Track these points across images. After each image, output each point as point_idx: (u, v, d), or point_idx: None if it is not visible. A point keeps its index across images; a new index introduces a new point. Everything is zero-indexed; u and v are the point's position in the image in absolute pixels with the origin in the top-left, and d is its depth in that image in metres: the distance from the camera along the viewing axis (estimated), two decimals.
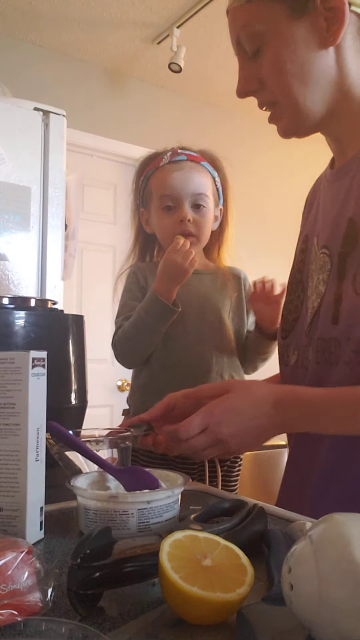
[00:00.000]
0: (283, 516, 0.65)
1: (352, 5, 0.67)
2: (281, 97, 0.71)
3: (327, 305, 0.72)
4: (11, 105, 1.49)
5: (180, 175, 1.15)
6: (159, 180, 1.17)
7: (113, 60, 3.01)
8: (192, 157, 1.18)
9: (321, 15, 0.67)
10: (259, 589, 0.44)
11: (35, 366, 0.57)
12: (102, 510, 0.56)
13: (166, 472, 0.67)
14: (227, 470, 1.19)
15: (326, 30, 0.67)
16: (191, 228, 1.15)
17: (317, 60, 0.68)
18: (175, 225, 1.16)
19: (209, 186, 1.16)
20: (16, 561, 0.41)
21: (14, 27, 2.72)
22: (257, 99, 0.75)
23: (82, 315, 1.06)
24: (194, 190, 1.14)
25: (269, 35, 0.69)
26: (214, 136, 3.38)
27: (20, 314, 0.92)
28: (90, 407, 1.06)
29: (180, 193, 1.14)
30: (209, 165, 1.19)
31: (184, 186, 1.14)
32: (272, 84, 0.71)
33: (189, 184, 1.14)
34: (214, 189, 1.18)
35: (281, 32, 0.68)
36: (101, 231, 3.02)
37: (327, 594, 0.34)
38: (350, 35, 0.68)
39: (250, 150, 3.38)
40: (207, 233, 1.18)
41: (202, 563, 0.41)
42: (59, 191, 1.55)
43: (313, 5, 0.67)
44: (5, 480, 0.56)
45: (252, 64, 0.73)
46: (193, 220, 1.15)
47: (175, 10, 2.61)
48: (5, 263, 1.45)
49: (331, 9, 0.66)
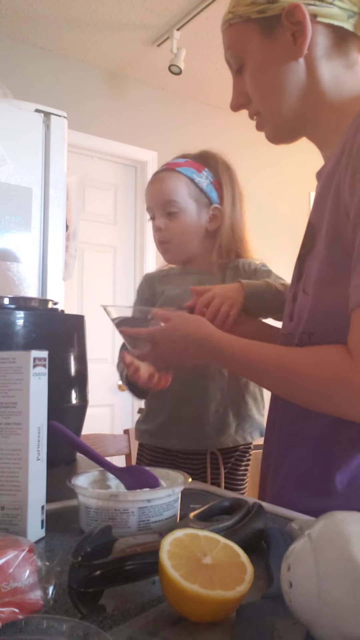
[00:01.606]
0: (282, 514, 0.65)
1: (317, 17, 0.71)
2: (261, 107, 0.78)
3: (288, 303, 0.81)
4: (12, 106, 1.50)
5: (153, 186, 1.20)
6: (146, 195, 1.24)
7: (114, 62, 3.01)
8: (170, 165, 1.21)
9: (288, 29, 0.72)
10: (259, 587, 0.44)
11: (36, 366, 0.58)
12: (103, 508, 0.56)
13: (166, 471, 0.67)
14: (231, 467, 1.19)
15: (293, 43, 0.72)
16: (164, 236, 1.19)
17: (289, 72, 0.74)
18: (154, 235, 1.21)
19: (182, 190, 1.17)
20: (17, 559, 0.41)
21: (15, 29, 2.72)
22: (248, 111, 0.82)
23: (82, 315, 1.06)
24: (162, 199, 1.17)
25: (248, 53, 0.76)
26: (213, 137, 3.39)
27: (21, 314, 0.92)
28: (90, 406, 1.06)
29: (152, 204, 1.19)
30: (189, 168, 1.19)
31: (154, 197, 1.18)
32: (253, 96, 0.78)
33: (158, 194, 1.18)
34: (192, 191, 1.18)
35: (256, 49, 0.75)
36: (101, 231, 3.03)
37: (326, 592, 0.34)
38: (320, 45, 0.73)
39: (251, 150, 3.39)
40: (185, 235, 1.19)
41: (202, 561, 0.42)
42: (60, 192, 1.55)
43: (280, 21, 0.72)
44: (6, 479, 0.57)
45: (239, 80, 0.80)
46: (165, 227, 1.18)
47: (176, 12, 2.62)
48: (7, 263, 1.46)
49: (296, 23, 0.71)
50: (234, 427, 1.15)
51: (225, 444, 1.15)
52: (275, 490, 0.78)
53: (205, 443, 1.15)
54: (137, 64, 3.04)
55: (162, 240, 1.19)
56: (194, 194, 1.18)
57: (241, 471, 1.21)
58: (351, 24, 0.72)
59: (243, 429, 1.16)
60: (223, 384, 1.15)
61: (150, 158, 3.10)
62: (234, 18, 0.76)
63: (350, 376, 0.62)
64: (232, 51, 0.78)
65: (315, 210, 0.74)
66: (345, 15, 0.71)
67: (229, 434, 1.15)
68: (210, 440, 1.15)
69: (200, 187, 1.18)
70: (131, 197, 3.15)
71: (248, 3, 0.74)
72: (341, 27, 0.72)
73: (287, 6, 0.71)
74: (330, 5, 0.70)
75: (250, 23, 0.75)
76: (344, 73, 0.74)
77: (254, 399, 1.19)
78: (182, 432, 1.15)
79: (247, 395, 1.17)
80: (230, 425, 1.15)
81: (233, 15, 0.76)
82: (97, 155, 3.01)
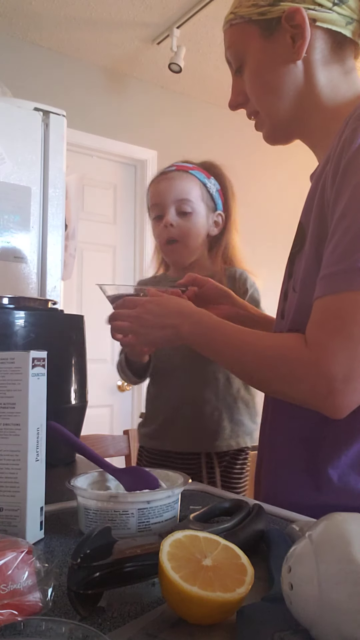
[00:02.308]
0: (283, 516, 0.65)
1: (317, 21, 0.73)
2: (259, 107, 0.80)
3: (279, 301, 0.82)
4: (11, 105, 1.49)
5: (165, 184, 1.20)
6: (150, 193, 1.24)
7: (113, 60, 3.01)
8: (180, 166, 1.22)
9: (288, 32, 0.73)
10: (259, 589, 0.44)
11: (35, 366, 0.57)
12: (102, 510, 0.56)
13: (166, 472, 0.67)
14: (226, 467, 1.20)
15: (292, 46, 0.74)
16: (174, 233, 1.18)
17: (287, 74, 0.75)
18: (162, 232, 1.20)
19: (195, 192, 1.19)
20: (16, 561, 0.41)
21: (14, 27, 2.72)
22: (246, 110, 0.83)
23: (82, 315, 1.06)
24: (176, 196, 1.18)
25: (247, 53, 0.78)
26: (213, 136, 3.39)
27: (20, 314, 0.92)
28: (90, 407, 1.06)
29: (164, 200, 1.19)
30: (200, 173, 1.22)
31: (167, 193, 1.19)
32: (252, 96, 0.80)
33: (172, 191, 1.18)
34: (204, 195, 1.20)
35: (255, 50, 0.77)
36: (101, 231, 3.02)
37: (327, 593, 0.34)
38: (318, 50, 0.74)
39: (250, 150, 3.38)
40: (195, 237, 1.20)
41: (202, 563, 0.42)
42: (59, 191, 1.55)
43: (280, 24, 0.74)
44: (5, 480, 0.56)
45: (238, 80, 0.81)
46: (177, 225, 1.18)
47: (175, 10, 2.61)
48: (6, 263, 1.45)
49: (296, 26, 0.73)
50: (228, 431, 1.17)
51: (220, 447, 1.17)
52: (268, 488, 0.79)
53: (200, 446, 1.18)
54: (136, 62, 3.03)
55: (171, 237, 1.19)
56: (205, 198, 1.21)
57: (236, 470, 1.23)
58: (349, 30, 0.74)
59: (237, 433, 1.19)
60: (217, 389, 1.17)
61: (150, 157, 3.10)
62: (235, 18, 0.78)
63: (297, 361, 0.64)
64: (233, 51, 0.80)
65: (304, 211, 0.76)
66: (344, 21, 0.73)
67: (224, 438, 1.17)
68: (205, 444, 1.17)
69: (210, 192, 1.21)
70: (131, 196, 3.14)
71: (250, 4, 0.76)
72: (339, 33, 0.74)
73: (288, 9, 0.72)
74: (329, 11, 0.72)
75: (251, 24, 0.76)
76: (339, 78, 0.76)
77: (246, 405, 1.21)
78: (178, 435, 1.18)
79: (239, 401, 1.20)
80: (225, 430, 1.17)
81: (235, 15, 0.78)
82: (97, 154, 3.00)
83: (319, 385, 0.61)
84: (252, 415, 1.22)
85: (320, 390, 0.62)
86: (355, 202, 0.62)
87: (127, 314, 0.84)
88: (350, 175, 0.63)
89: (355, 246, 0.60)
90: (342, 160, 0.65)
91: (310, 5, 0.72)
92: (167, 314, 0.80)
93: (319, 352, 0.61)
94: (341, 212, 0.63)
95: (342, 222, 0.63)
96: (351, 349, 0.60)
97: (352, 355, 0.60)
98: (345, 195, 0.63)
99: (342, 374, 0.60)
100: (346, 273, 0.60)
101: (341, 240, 0.62)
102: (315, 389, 0.62)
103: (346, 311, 0.60)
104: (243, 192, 1.30)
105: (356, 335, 0.60)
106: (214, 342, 0.75)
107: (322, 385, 0.61)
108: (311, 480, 0.71)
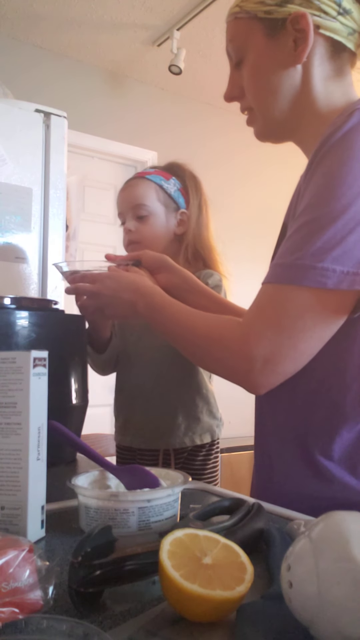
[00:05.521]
0: (283, 514, 0.65)
1: (320, 28, 0.74)
2: (254, 104, 0.81)
3: None
4: (12, 106, 1.50)
5: (124, 192, 1.28)
6: (117, 202, 1.31)
7: (114, 62, 3.01)
8: (141, 173, 1.30)
9: (291, 35, 0.74)
10: (259, 587, 0.44)
11: (36, 366, 0.58)
12: (103, 508, 0.57)
13: (166, 471, 0.67)
14: (183, 462, 1.23)
15: (294, 49, 0.75)
16: (134, 237, 1.24)
17: (285, 76, 0.76)
18: (124, 238, 1.27)
19: (151, 195, 1.24)
20: (17, 559, 0.41)
21: (15, 29, 2.72)
22: (240, 104, 0.84)
23: (83, 316, 1.06)
24: (132, 202, 1.24)
25: (249, 49, 0.78)
26: (212, 137, 3.39)
27: (21, 314, 0.92)
28: (90, 406, 1.06)
29: (124, 209, 1.27)
30: (157, 176, 1.26)
31: (125, 201, 1.26)
32: (248, 92, 0.80)
33: (128, 198, 1.25)
34: (160, 196, 1.25)
35: (258, 47, 0.77)
36: (102, 232, 3.03)
37: (326, 592, 0.34)
38: (317, 56, 0.75)
39: (250, 151, 3.39)
40: (155, 237, 1.24)
41: (202, 561, 0.42)
42: (60, 192, 1.55)
43: (285, 26, 0.74)
44: (6, 479, 0.57)
45: (236, 73, 0.82)
46: (135, 230, 1.24)
47: (176, 12, 2.62)
48: (7, 263, 1.46)
49: (300, 31, 0.73)
50: (182, 429, 1.19)
51: (173, 445, 1.19)
52: (265, 480, 0.80)
53: (156, 443, 1.20)
54: (137, 64, 3.04)
55: (131, 240, 1.24)
56: (163, 198, 1.25)
57: (196, 466, 1.24)
58: (350, 40, 0.75)
59: (193, 431, 1.20)
60: (173, 386, 1.20)
61: (150, 158, 3.10)
62: (240, 12, 0.78)
63: (228, 339, 0.69)
64: (234, 44, 0.80)
65: (287, 211, 0.79)
66: (346, 31, 0.74)
67: (177, 436, 1.19)
68: (160, 441, 1.20)
69: (169, 192, 1.26)
70: None
71: (257, 1, 0.76)
72: (340, 42, 0.75)
73: (294, 13, 0.73)
74: (333, 20, 0.73)
75: (255, 21, 0.76)
76: (334, 85, 0.77)
77: (205, 402, 1.22)
78: (137, 432, 1.22)
79: (197, 398, 1.21)
80: (179, 427, 1.19)
81: (240, 9, 0.78)
82: (97, 155, 3.01)
83: (241, 362, 0.67)
84: (212, 411, 1.24)
85: (241, 367, 0.67)
86: (316, 199, 0.64)
87: (87, 289, 0.89)
88: (318, 175, 0.66)
89: (306, 243, 0.63)
90: (315, 160, 0.68)
91: (316, 12, 0.73)
92: (124, 289, 0.85)
93: (248, 332, 0.67)
94: (304, 207, 0.66)
95: (302, 217, 0.65)
96: (276, 336, 0.64)
97: (276, 342, 0.64)
98: (310, 192, 0.66)
99: (263, 357, 0.65)
100: (290, 267, 0.64)
101: (296, 233, 0.65)
102: (237, 365, 0.68)
103: (280, 302, 0.65)
104: (242, 192, 1.31)
105: (284, 325, 0.64)
106: (164, 321, 0.79)
107: (243, 362, 0.66)
108: (307, 470, 0.72)
